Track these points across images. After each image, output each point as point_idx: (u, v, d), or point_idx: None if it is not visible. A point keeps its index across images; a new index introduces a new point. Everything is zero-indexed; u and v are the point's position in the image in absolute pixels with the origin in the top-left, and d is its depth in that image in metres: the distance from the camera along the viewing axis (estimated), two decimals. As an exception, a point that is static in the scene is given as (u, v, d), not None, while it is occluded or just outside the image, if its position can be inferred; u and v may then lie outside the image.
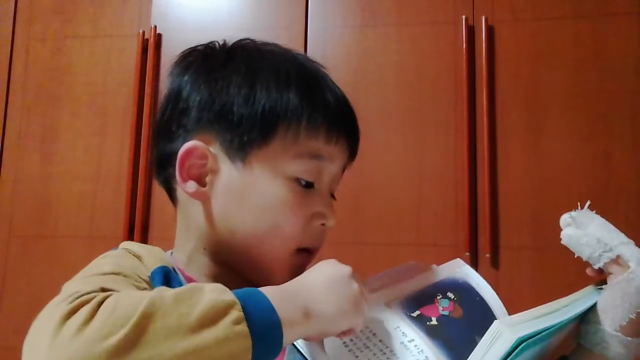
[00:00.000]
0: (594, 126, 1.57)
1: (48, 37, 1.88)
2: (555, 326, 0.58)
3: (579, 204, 0.70)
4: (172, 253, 0.71)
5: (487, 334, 0.55)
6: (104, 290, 0.50)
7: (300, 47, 1.72)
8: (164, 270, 0.62)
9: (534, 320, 0.57)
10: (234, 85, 0.65)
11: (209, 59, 0.70)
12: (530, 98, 1.61)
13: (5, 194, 1.81)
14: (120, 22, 1.85)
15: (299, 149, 0.65)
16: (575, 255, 0.68)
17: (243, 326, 0.47)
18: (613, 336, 0.64)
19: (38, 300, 0.50)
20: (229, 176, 0.65)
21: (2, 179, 1.82)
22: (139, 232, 1.70)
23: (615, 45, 1.59)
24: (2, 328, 1.72)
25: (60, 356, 0.44)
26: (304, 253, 0.68)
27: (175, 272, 0.65)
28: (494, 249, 1.56)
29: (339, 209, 0.71)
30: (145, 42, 1.79)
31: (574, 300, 0.66)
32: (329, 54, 1.71)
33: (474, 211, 1.58)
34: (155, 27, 1.80)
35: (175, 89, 0.69)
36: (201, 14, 1.82)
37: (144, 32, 1.80)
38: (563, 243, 0.69)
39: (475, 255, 1.57)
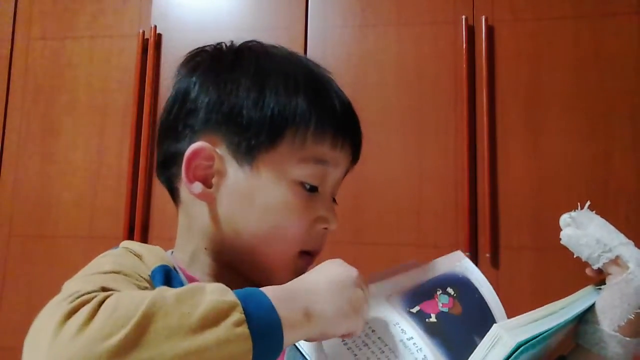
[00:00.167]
0: (594, 126, 1.57)
1: (48, 37, 1.88)
2: (554, 328, 0.58)
3: (579, 204, 0.70)
4: (173, 252, 0.72)
5: (487, 338, 0.55)
6: (104, 289, 0.50)
7: (300, 47, 1.72)
8: (164, 269, 0.62)
9: (532, 323, 0.58)
10: (244, 88, 0.65)
11: (217, 60, 0.70)
12: (530, 98, 1.61)
13: (5, 194, 1.81)
14: (120, 22, 1.85)
15: (305, 154, 0.65)
16: (575, 256, 0.68)
17: (244, 328, 0.47)
18: (611, 336, 0.65)
19: (38, 300, 0.50)
20: (236, 178, 0.65)
21: (2, 179, 1.82)
22: (139, 232, 1.70)
23: (615, 45, 1.59)
24: (2, 328, 1.72)
25: (61, 356, 0.44)
26: (306, 255, 0.69)
27: (175, 271, 0.65)
28: (494, 249, 1.56)
29: (339, 208, 0.71)
30: (145, 42, 1.79)
31: (573, 301, 0.66)
32: (329, 54, 1.71)
33: (474, 211, 1.58)
34: (155, 27, 1.80)
35: (183, 89, 0.69)
36: (201, 14, 1.82)
37: (144, 32, 1.80)
38: (562, 243, 0.69)
39: (475, 255, 1.57)
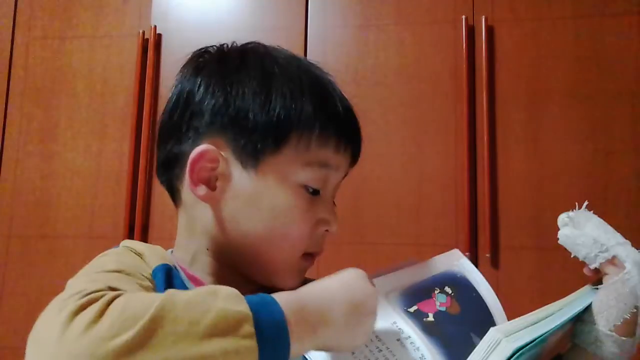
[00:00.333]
0: (594, 126, 1.57)
1: (48, 37, 1.88)
2: (551, 330, 0.58)
3: (577, 203, 0.71)
4: (173, 252, 0.72)
5: (484, 341, 0.55)
6: (111, 289, 0.51)
7: (300, 47, 1.72)
8: (165, 268, 0.62)
9: (530, 327, 0.58)
10: (250, 92, 0.65)
11: (222, 62, 0.69)
12: (530, 98, 1.62)
13: (5, 194, 1.81)
14: (120, 22, 1.85)
15: (309, 158, 0.65)
16: (572, 255, 0.69)
17: (252, 341, 0.47)
18: (607, 336, 0.65)
19: (38, 300, 0.50)
20: (240, 181, 0.65)
21: (2, 179, 1.82)
22: (138, 232, 1.70)
23: (615, 45, 1.59)
24: (2, 328, 1.72)
25: (69, 351, 0.44)
26: (308, 257, 0.69)
27: (176, 270, 0.65)
28: (494, 249, 1.56)
29: (339, 208, 0.71)
30: (145, 42, 1.79)
31: (571, 302, 0.66)
32: (329, 54, 1.72)
33: (474, 211, 1.58)
34: (155, 27, 1.80)
35: (187, 90, 0.68)
36: (201, 14, 1.82)
37: (144, 32, 1.80)
38: (560, 243, 0.69)
39: (475, 255, 1.57)
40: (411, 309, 0.65)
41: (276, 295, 0.53)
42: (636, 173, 1.53)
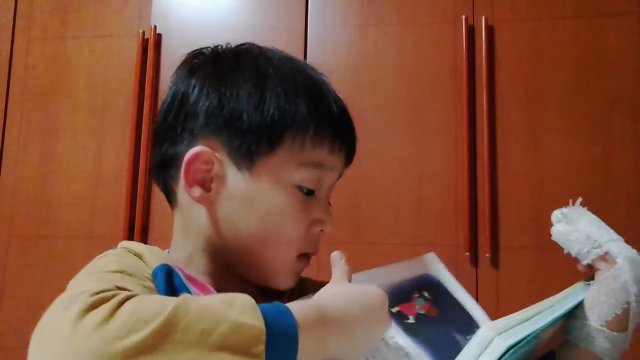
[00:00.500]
0: (594, 126, 1.57)
1: (48, 37, 1.88)
2: (543, 327, 0.59)
3: (571, 200, 0.71)
4: (169, 252, 0.72)
5: (476, 339, 0.55)
6: (119, 289, 0.50)
7: (300, 47, 1.72)
8: (166, 268, 0.62)
9: (522, 324, 0.58)
10: (244, 93, 0.65)
11: (216, 63, 0.69)
12: (530, 98, 1.61)
13: (5, 194, 1.81)
14: (120, 22, 1.85)
15: (303, 158, 0.65)
16: (565, 251, 0.69)
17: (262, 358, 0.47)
18: (599, 331, 0.65)
19: (38, 300, 0.50)
20: (235, 182, 0.65)
21: (2, 179, 1.82)
22: (138, 233, 1.70)
23: (615, 45, 1.59)
24: (2, 328, 1.72)
25: (80, 347, 0.44)
26: (303, 257, 0.69)
27: (176, 270, 0.65)
28: (494, 249, 1.56)
29: (339, 208, 0.71)
30: (145, 42, 1.79)
31: (563, 298, 0.67)
32: (329, 54, 1.72)
33: (474, 211, 1.58)
34: (155, 27, 1.80)
35: (182, 91, 0.68)
36: (201, 14, 1.82)
37: (144, 32, 1.80)
38: (553, 239, 0.70)
39: (475, 255, 1.57)
40: (394, 310, 0.65)
41: (290, 304, 0.52)
42: (636, 173, 1.53)
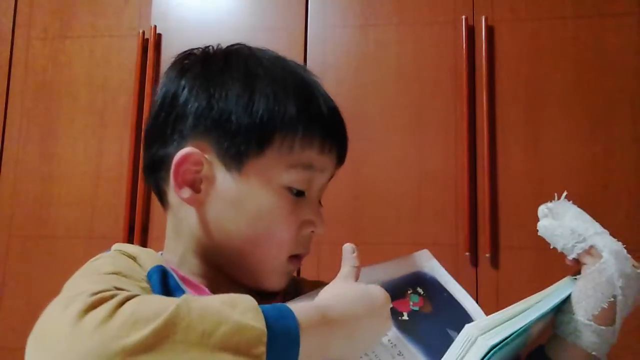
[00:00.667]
0: (594, 126, 1.57)
1: (48, 37, 1.88)
2: (528, 324, 0.59)
3: (556, 194, 0.71)
4: (162, 254, 0.72)
5: (460, 339, 0.55)
6: (117, 289, 0.50)
7: (300, 47, 1.72)
8: (160, 269, 0.62)
9: (507, 322, 0.58)
10: (233, 94, 0.65)
11: (206, 64, 0.69)
12: (530, 98, 1.61)
13: (5, 194, 1.81)
14: (120, 22, 1.85)
15: (292, 160, 0.65)
16: (551, 247, 0.69)
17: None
18: (586, 325, 0.65)
19: (38, 300, 0.50)
20: (224, 184, 0.65)
21: (2, 179, 1.82)
22: (138, 232, 1.70)
23: (615, 45, 1.59)
24: (2, 328, 1.72)
25: (81, 345, 0.44)
26: (294, 259, 0.69)
27: (171, 272, 0.65)
28: (494, 249, 1.56)
29: (339, 208, 0.71)
30: (145, 42, 1.80)
31: (550, 293, 0.67)
32: (329, 54, 1.71)
33: (474, 211, 1.58)
34: (155, 27, 1.80)
35: (171, 92, 0.68)
36: (201, 14, 1.82)
37: (144, 32, 1.80)
38: (540, 234, 0.70)
39: (475, 255, 1.57)
40: None
41: (293, 306, 0.51)
42: (636, 173, 1.53)
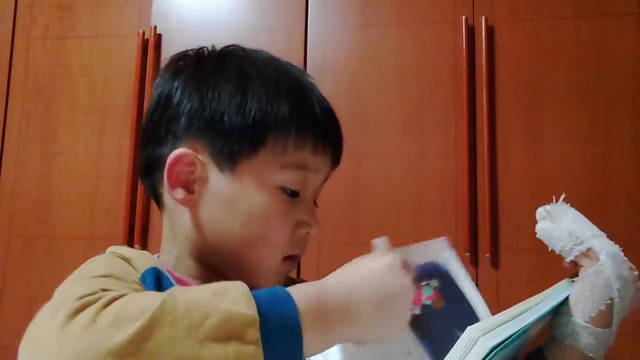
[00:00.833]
0: (594, 126, 1.57)
1: (48, 37, 1.88)
2: (528, 325, 0.59)
3: (554, 197, 0.71)
4: (159, 257, 0.71)
5: (462, 340, 0.55)
6: (104, 291, 0.50)
7: (300, 47, 1.72)
8: (154, 271, 0.62)
9: (507, 323, 0.58)
10: (225, 95, 0.65)
11: (200, 65, 0.69)
12: (530, 98, 1.61)
13: (5, 194, 1.81)
14: (120, 22, 1.85)
15: (286, 160, 0.65)
16: (549, 249, 0.69)
17: (256, 347, 0.45)
18: (583, 327, 0.66)
19: (38, 300, 0.50)
20: (217, 185, 0.65)
21: (2, 179, 1.82)
22: (138, 233, 1.70)
23: (615, 45, 1.59)
24: (2, 328, 1.72)
25: (69, 350, 0.44)
26: (289, 260, 0.69)
27: (165, 273, 0.65)
28: (494, 249, 1.56)
29: (338, 208, 0.71)
30: (145, 42, 1.80)
31: (548, 295, 0.67)
32: (329, 53, 1.71)
33: (474, 211, 1.58)
34: (155, 27, 1.80)
35: (165, 93, 0.68)
36: (201, 14, 1.82)
37: (144, 32, 1.80)
38: (538, 237, 0.70)
39: (475, 256, 1.57)
40: None
41: (294, 289, 0.51)
42: (636, 173, 1.53)
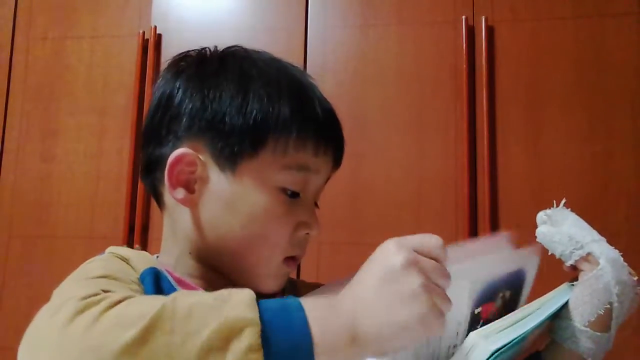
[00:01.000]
0: (594, 126, 1.57)
1: (48, 37, 1.88)
2: (529, 330, 0.58)
3: (555, 201, 0.72)
4: (158, 257, 0.71)
5: (464, 346, 0.55)
6: (106, 292, 0.50)
7: (300, 47, 1.72)
8: (153, 271, 0.62)
9: (509, 327, 0.57)
10: (227, 95, 0.65)
11: (201, 66, 0.69)
12: (530, 98, 1.61)
13: (5, 194, 1.81)
14: (120, 22, 1.85)
15: (286, 161, 0.65)
16: (549, 253, 0.69)
17: (257, 355, 0.43)
18: (582, 331, 0.66)
19: (38, 300, 0.50)
20: (218, 185, 0.65)
21: (2, 179, 1.82)
22: (138, 233, 1.70)
23: (615, 45, 1.59)
24: (2, 328, 1.72)
25: (70, 350, 0.44)
26: (289, 261, 0.69)
27: (164, 273, 0.65)
28: (494, 249, 1.56)
29: (339, 208, 0.71)
30: (145, 42, 1.80)
31: (548, 300, 0.67)
32: (329, 54, 1.71)
33: (474, 211, 1.58)
34: (155, 27, 1.80)
35: (167, 93, 0.68)
36: (201, 14, 1.82)
37: (144, 32, 1.80)
38: (538, 241, 0.71)
39: (475, 255, 1.57)
40: (477, 311, 0.60)
41: (303, 301, 0.48)
42: (636, 173, 1.53)
